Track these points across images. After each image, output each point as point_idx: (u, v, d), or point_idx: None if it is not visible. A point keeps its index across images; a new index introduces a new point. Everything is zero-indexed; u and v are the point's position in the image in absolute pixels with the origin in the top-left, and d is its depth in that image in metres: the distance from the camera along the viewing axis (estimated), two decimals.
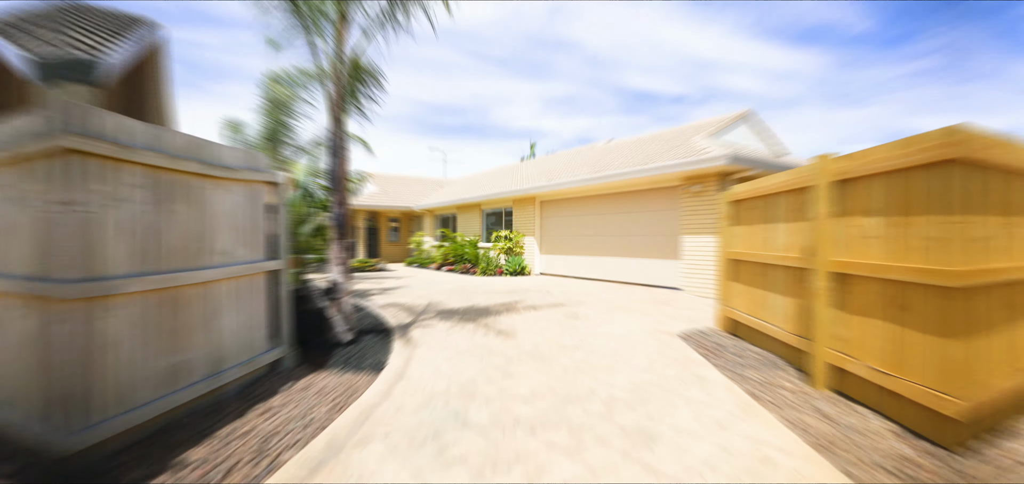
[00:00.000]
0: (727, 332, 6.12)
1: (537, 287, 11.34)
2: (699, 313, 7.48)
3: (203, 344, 3.28)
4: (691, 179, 9.84)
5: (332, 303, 5.19)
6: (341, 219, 5.23)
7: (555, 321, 6.75)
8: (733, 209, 6.11)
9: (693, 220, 9.78)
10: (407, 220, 25.44)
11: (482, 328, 6.26)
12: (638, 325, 6.46)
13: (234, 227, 3.63)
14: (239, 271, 3.64)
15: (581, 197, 13.58)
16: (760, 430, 3.00)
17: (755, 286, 5.39)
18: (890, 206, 3.27)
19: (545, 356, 4.83)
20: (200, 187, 3.28)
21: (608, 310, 7.73)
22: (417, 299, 9.25)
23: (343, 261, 5.23)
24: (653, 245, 11.20)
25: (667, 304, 8.45)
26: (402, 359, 4.71)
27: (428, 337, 5.73)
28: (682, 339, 5.66)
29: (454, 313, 7.52)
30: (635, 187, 11.59)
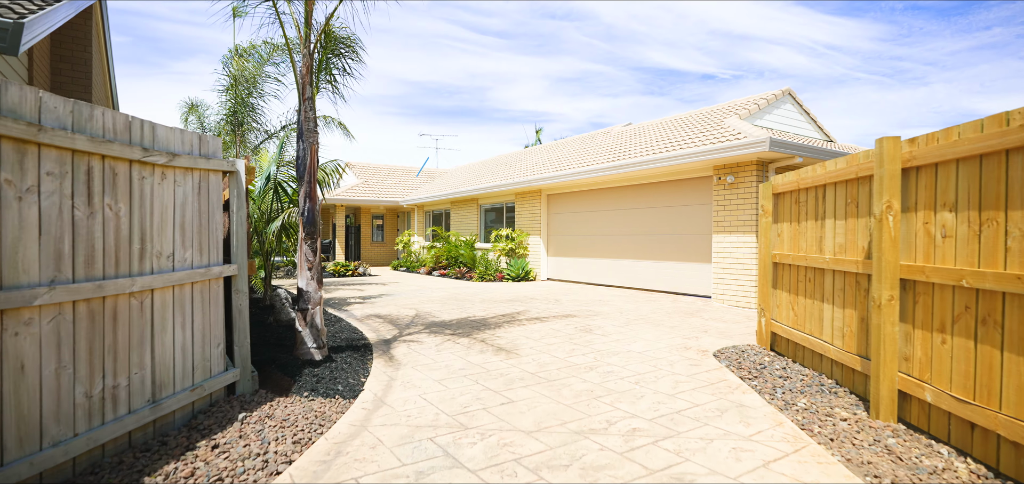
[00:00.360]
0: (768, 349, 5.93)
1: (543, 295, 11.17)
2: (734, 326, 7.29)
3: (140, 366, 3.11)
4: (724, 168, 9.65)
5: (300, 315, 5.02)
6: (311, 215, 5.07)
7: (564, 336, 6.57)
8: (776, 203, 5.92)
9: (726, 216, 9.59)
10: (393, 217, 25.32)
11: (478, 344, 6.09)
12: (663, 340, 6.28)
13: (180, 225, 3.47)
14: (187, 278, 3.47)
15: (595, 190, 13.40)
16: (816, 473, 2.81)
17: (803, 295, 5.20)
18: (976, 199, 3.07)
19: (553, 378, 4.65)
20: (137, 177, 3.11)
21: (627, 322, 7.55)
22: (403, 309, 9.08)
23: (313, 265, 5.07)
24: (679, 246, 11.02)
25: (696, 315, 8.26)
26: (383, 382, 4.54)
27: (414, 355, 5.55)
28: (716, 357, 5.48)
29: (446, 326, 7.35)
30: (658, 178, 11.40)
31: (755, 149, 8.46)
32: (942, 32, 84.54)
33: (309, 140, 5.05)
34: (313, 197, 5.07)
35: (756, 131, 9.34)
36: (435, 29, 79.30)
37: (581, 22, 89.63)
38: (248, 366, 4.10)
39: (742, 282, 9.26)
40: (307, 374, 4.58)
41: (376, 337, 6.57)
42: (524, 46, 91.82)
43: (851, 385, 4.33)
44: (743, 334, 6.79)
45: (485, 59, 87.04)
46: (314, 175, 5.08)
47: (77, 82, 7.27)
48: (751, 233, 9.14)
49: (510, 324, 7.47)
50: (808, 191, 5.14)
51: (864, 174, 4.13)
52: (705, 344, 6.12)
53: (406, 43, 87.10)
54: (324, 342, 5.12)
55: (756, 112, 11.51)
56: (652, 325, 7.35)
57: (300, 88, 5.05)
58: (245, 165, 4.13)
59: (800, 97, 12.75)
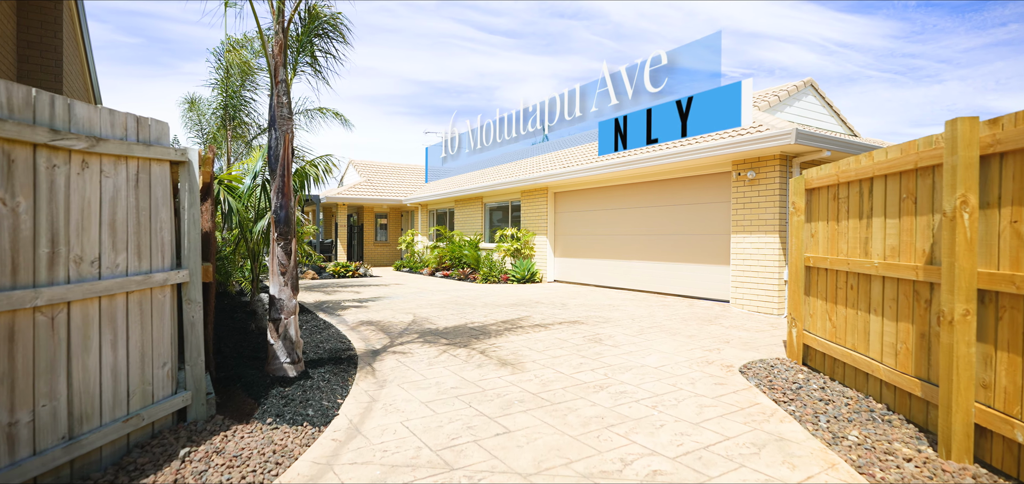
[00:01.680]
0: (800, 363, 5.30)
1: (549, 298, 10.57)
2: (758, 335, 6.65)
3: (51, 396, 2.56)
4: (744, 163, 9.00)
5: (272, 326, 4.46)
6: (284, 213, 4.51)
7: (571, 346, 5.97)
8: (810, 200, 5.29)
9: (746, 215, 8.94)
10: (397, 216, 24.81)
11: (476, 356, 5.51)
12: (681, 352, 5.66)
13: (110, 224, 2.91)
14: (119, 287, 2.91)
15: (604, 187, 12.77)
16: None
17: (842, 304, 4.56)
18: None
19: (557, 401, 4.05)
20: (45, 165, 2.56)
21: (640, 331, 6.93)
22: (399, 314, 8.52)
23: (288, 269, 4.51)
24: (694, 246, 10.37)
25: (714, 322, 7.63)
26: (362, 404, 3.97)
27: (403, 369, 4.98)
28: (742, 374, 4.85)
29: (442, 334, 6.77)
30: (671, 174, 10.76)
31: (779, 142, 7.81)
32: (956, 29, 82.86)
33: (282, 129, 4.49)
34: (287, 193, 4.51)
35: (780, 122, 8.69)
36: (443, 29, 78.99)
37: (590, 21, 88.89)
38: (203, 388, 3.54)
39: (763, 286, 8.61)
40: (276, 395, 4.01)
41: (364, 347, 6.00)
42: (532, 45, 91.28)
43: (908, 412, 3.70)
44: (769, 345, 6.15)
45: (493, 58, 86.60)
46: (288, 168, 4.52)
47: (46, 70, 6.76)
48: (773, 233, 8.49)
49: (512, 332, 6.88)
50: (850, 186, 4.51)
51: (927, 163, 3.50)
52: (728, 357, 5.50)
53: (414, 43, 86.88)
54: (299, 356, 4.56)
55: (776, 104, 10.84)
56: (667, 334, 6.73)
57: (272, 70, 4.49)
58: (200, 155, 3.58)
59: (822, 89, 12.05)
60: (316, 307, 9.41)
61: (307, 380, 4.42)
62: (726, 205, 9.65)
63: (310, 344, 6.06)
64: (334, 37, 5.66)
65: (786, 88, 11.26)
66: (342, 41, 5.66)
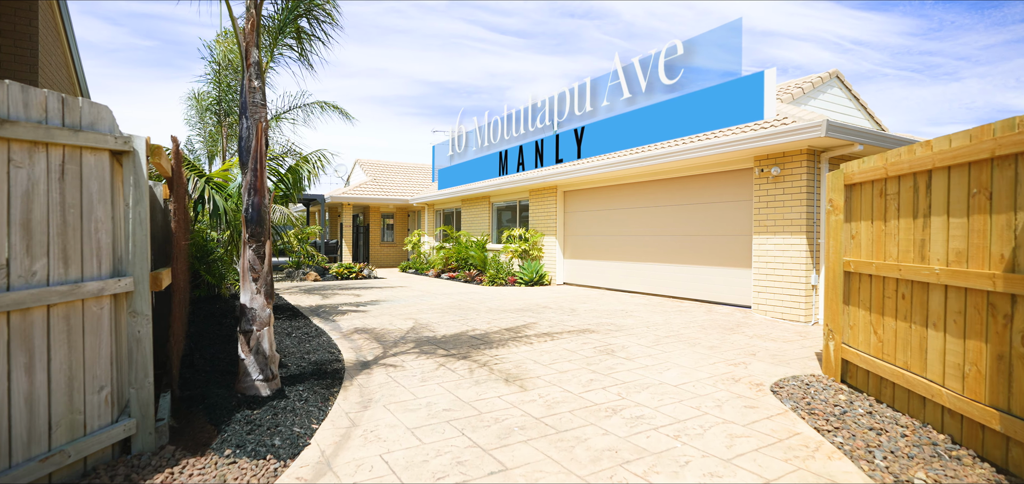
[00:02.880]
0: (839, 380, 4.72)
1: (558, 302, 10.03)
2: (787, 346, 6.07)
3: None
4: (767, 159, 8.40)
5: (243, 338, 3.98)
6: (256, 211, 4.02)
7: (581, 359, 5.43)
8: (850, 197, 4.70)
9: (769, 214, 8.33)
10: (404, 216, 24.40)
11: (475, 370, 4.99)
12: (703, 367, 5.09)
13: (23, 224, 2.43)
14: (34, 298, 2.44)
15: (615, 185, 12.20)
16: None
17: (892, 315, 3.98)
18: None
19: (564, 428, 3.52)
20: None
21: (656, 340, 6.37)
22: (398, 320, 8.03)
23: (260, 275, 4.02)
24: (712, 248, 9.77)
25: (736, 330, 7.04)
26: (339, 431, 3.46)
27: (393, 386, 4.47)
28: (775, 394, 4.29)
29: (441, 344, 6.27)
30: (688, 171, 10.17)
31: (807, 135, 7.20)
32: (975, 26, 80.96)
33: (255, 117, 4.01)
34: (259, 189, 4.02)
35: (807, 114, 8.08)
36: (454, 29, 78.77)
37: (601, 20, 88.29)
38: (151, 414, 3.06)
39: (789, 291, 8.00)
40: (241, 419, 3.52)
41: (354, 358, 5.51)
42: (543, 45, 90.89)
43: (979, 448, 3.12)
44: (800, 358, 5.57)
45: (504, 58, 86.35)
46: (262, 161, 4.03)
47: (20, 59, 6.35)
48: (800, 234, 7.88)
49: (517, 341, 6.35)
50: (902, 180, 3.93)
51: (1007, 152, 2.92)
52: (756, 373, 4.93)
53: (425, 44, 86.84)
54: (274, 372, 4.07)
55: (800, 97, 10.21)
56: (687, 344, 6.16)
57: (242, 50, 4.00)
58: (149, 144, 3.09)
59: (847, 81, 11.39)
60: (312, 311, 8.96)
61: (281, 400, 3.93)
62: (747, 204, 9.04)
63: (295, 354, 5.58)
64: (323, 19, 5.17)
65: (810, 80, 10.62)
66: (331, 23, 5.17)
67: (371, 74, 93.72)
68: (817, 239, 7.94)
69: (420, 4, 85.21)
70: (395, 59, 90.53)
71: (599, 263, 12.72)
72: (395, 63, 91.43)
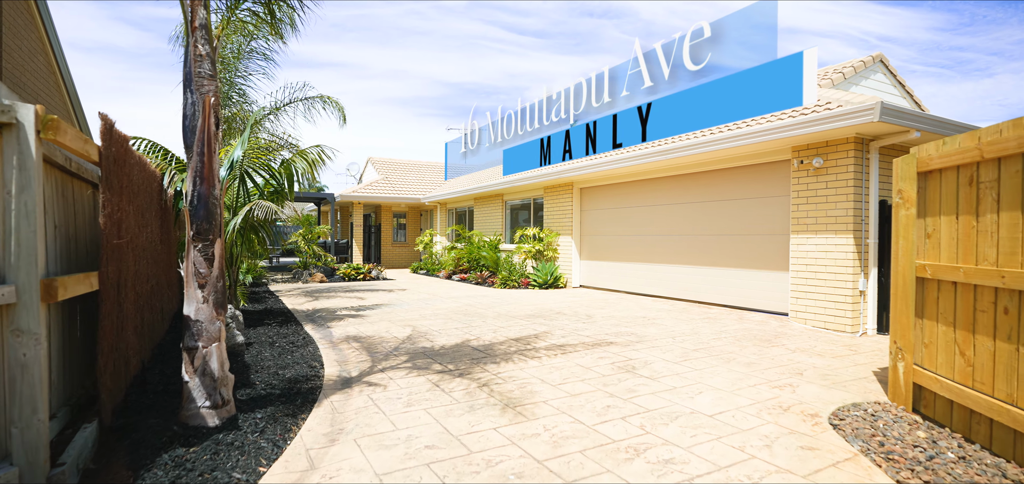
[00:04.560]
0: (910, 409, 3.89)
1: (573, 308, 9.26)
2: (837, 363, 5.22)
3: None
4: (808, 149, 7.53)
5: (187, 357, 3.32)
6: (203, 203, 3.36)
7: (596, 378, 4.68)
8: (924, 187, 3.88)
9: (810, 211, 7.47)
10: (417, 215, 23.84)
11: (472, 391, 4.27)
12: (743, 390, 4.30)
13: None
14: None
15: (635, 181, 11.39)
16: None
17: (989, 334, 3.16)
18: None
19: (572, 478, 2.78)
20: None
21: (683, 355, 5.58)
22: (396, 327, 7.36)
23: (208, 279, 3.36)
24: (743, 249, 8.92)
25: (774, 342, 6.21)
26: (292, 476, 2.77)
27: (371, 412, 3.78)
28: (835, 428, 3.49)
29: (438, 356, 5.57)
30: (716, 164, 9.32)
31: (857, 120, 6.33)
32: (1008, 20, 77.70)
33: (202, 90, 3.34)
34: (208, 177, 3.36)
35: (855, 97, 7.19)
36: (472, 30, 78.45)
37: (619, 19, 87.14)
38: (41, 460, 2.40)
39: (833, 297, 7.13)
40: (169, 461, 2.85)
41: (337, 374, 4.84)
42: (561, 45, 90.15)
43: None
44: (855, 378, 4.73)
45: (522, 59, 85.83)
46: (210, 144, 3.37)
47: None
48: (846, 233, 7.00)
49: (523, 355, 5.62)
50: (1005, 163, 3.10)
51: None
52: (808, 398, 4.12)
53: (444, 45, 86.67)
54: (225, 397, 3.40)
55: (841, 82, 9.29)
56: (720, 360, 5.36)
57: (187, 14, 3.35)
58: (40, 115, 2.44)
59: (892, 66, 10.41)
60: (307, 317, 8.34)
61: (231, 432, 3.25)
62: (784, 199, 8.17)
63: (271, 369, 4.93)
64: None
65: (851, 65, 9.68)
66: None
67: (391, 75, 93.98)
68: (865, 239, 7.05)
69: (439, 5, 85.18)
70: (414, 60, 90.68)
71: (618, 265, 11.91)
72: (414, 64, 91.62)
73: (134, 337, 4.30)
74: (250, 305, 9.65)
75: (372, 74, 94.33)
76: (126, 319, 4.02)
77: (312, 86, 11.17)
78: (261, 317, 8.13)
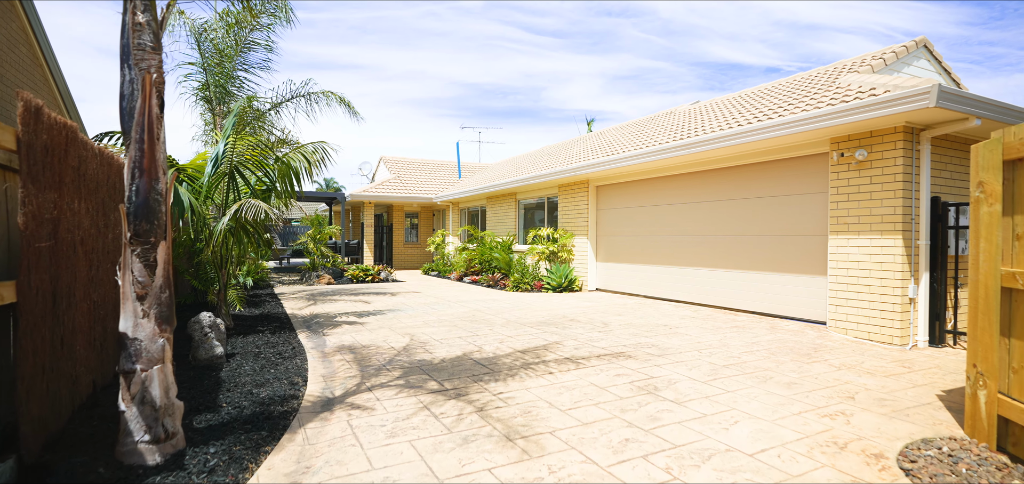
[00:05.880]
0: (994, 449, 3.22)
1: (588, 313, 8.64)
2: (892, 383, 4.53)
3: None
4: (849, 140, 6.81)
5: (124, 382, 2.80)
6: (144, 199, 2.84)
7: (613, 400, 4.07)
8: (1013, 177, 3.20)
9: (852, 209, 6.75)
10: (429, 215, 23.39)
11: (467, 416, 3.70)
12: (786, 418, 3.65)
13: None
14: None
15: (656, 178, 10.72)
16: None
17: None
18: None
19: None
20: None
21: (712, 372, 4.94)
22: (395, 336, 6.82)
23: (149, 289, 2.84)
24: (775, 250, 8.21)
25: (815, 357, 5.53)
26: None
27: (348, 445, 3.23)
28: (910, 474, 2.83)
29: (436, 371, 5.00)
30: (745, 158, 8.63)
31: (909, 105, 5.61)
32: None
33: (142, 65, 2.82)
34: (149, 169, 2.84)
35: (906, 80, 6.46)
36: (490, 31, 78.19)
37: (638, 18, 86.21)
38: None
39: (879, 305, 6.41)
40: None
41: (318, 393, 4.31)
42: (579, 45, 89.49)
43: None
44: (917, 403, 4.05)
45: (540, 59, 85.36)
46: (152, 129, 2.85)
47: None
48: (894, 233, 6.28)
49: (530, 370, 5.04)
50: None
51: None
52: (866, 430, 3.46)
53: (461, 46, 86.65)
54: (170, 429, 2.88)
55: (882, 68, 8.51)
56: (755, 379, 4.71)
57: None
58: None
59: (937, 51, 9.58)
60: (303, 323, 7.86)
61: (173, 472, 2.72)
62: (821, 197, 7.45)
63: (246, 386, 4.42)
64: None
65: (893, 50, 8.89)
66: None
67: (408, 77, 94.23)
68: (915, 240, 6.32)
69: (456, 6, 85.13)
70: (431, 61, 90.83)
71: (637, 267, 11.24)
72: (432, 65, 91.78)
73: (87, 352, 3.81)
74: (247, 309, 9.22)
75: (390, 76, 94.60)
76: (74, 333, 3.53)
77: (315, 82, 10.74)
78: (254, 324, 7.66)
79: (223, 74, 9.27)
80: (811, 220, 7.63)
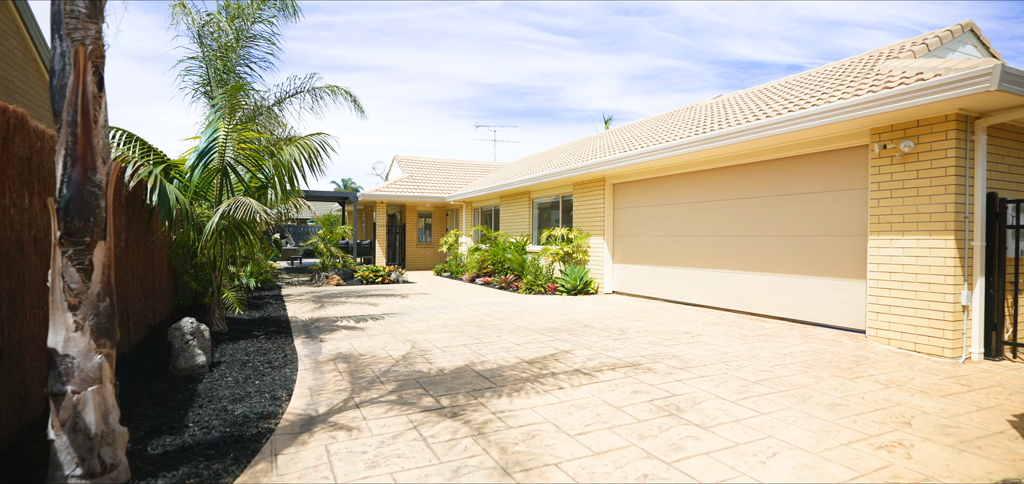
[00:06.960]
0: None
1: (603, 319, 8.12)
2: (948, 404, 3.95)
3: None
4: (891, 131, 6.21)
5: (54, 405, 2.40)
6: (77, 192, 2.43)
7: (629, 423, 3.57)
8: None
9: (895, 206, 6.14)
10: (442, 215, 23.03)
11: (462, 440, 3.24)
12: (834, 449, 3.11)
13: None
14: None
15: (676, 175, 10.16)
16: None
17: None
18: None
19: None
20: None
21: (742, 389, 4.40)
22: (395, 343, 6.40)
23: (84, 297, 2.43)
24: (807, 252, 7.61)
25: (855, 370, 4.95)
26: None
27: (320, 475, 2.79)
28: None
29: (433, 384, 4.56)
30: (773, 152, 8.04)
31: (965, 89, 5.01)
32: None
33: (75, 36, 2.42)
34: (83, 156, 2.43)
35: (961, 62, 5.84)
36: (507, 31, 77.97)
37: (656, 17, 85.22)
38: None
39: (927, 312, 5.79)
40: None
41: (301, 409, 3.89)
42: (597, 44, 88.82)
43: None
44: (986, 430, 3.47)
45: (557, 59, 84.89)
46: (88, 112, 2.45)
47: None
48: (945, 233, 5.66)
49: (538, 383, 4.56)
50: None
51: None
52: (933, 469, 2.91)
53: (479, 46, 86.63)
54: (109, 461, 2.47)
55: (925, 54, 7.84)
56: (792, 398, 4.17)
57: None
58: None
59: (984, 37, 8.85)
60: (302, 328, 7.49)
61: None
62: (860, 193, 6.84)
63: (223, 401, 4.02)
64: None
65: (936, 34, 8.21)
66: None
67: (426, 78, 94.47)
68: (969, 241, 5.70)
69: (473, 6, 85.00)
70: (449, 62, 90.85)
71: (656, 269, 10.68)
72: (449, 66, 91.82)
73: (40, 365, 3.45)
74: (247, 312, 8.89)
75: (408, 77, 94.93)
76: (20, 344, 3.16)
77: (321, 76, 10.39)
78: (250, 328, 7.31)
79: (226, 68, 8.95)
80: (847, 219, 7.02)
